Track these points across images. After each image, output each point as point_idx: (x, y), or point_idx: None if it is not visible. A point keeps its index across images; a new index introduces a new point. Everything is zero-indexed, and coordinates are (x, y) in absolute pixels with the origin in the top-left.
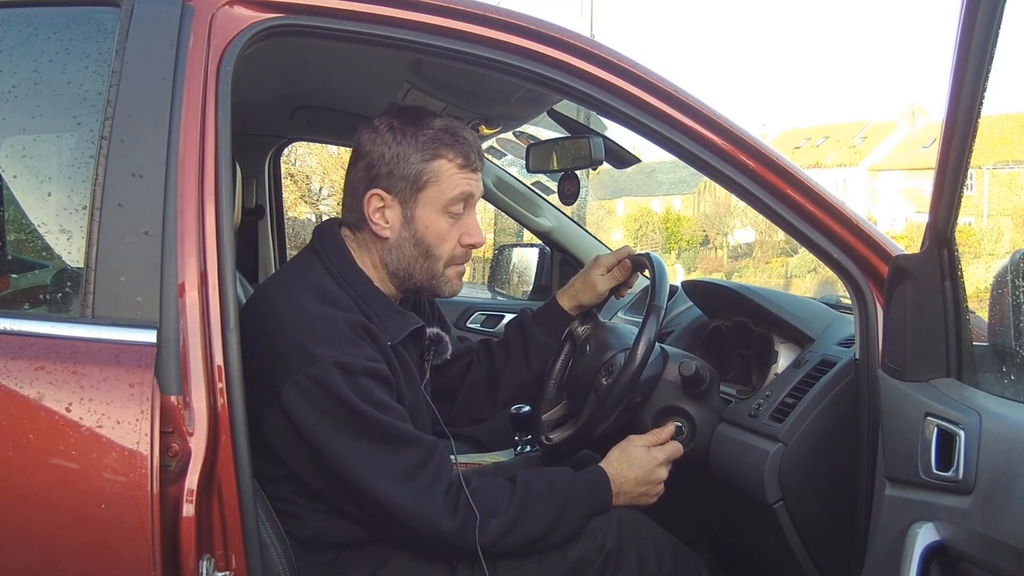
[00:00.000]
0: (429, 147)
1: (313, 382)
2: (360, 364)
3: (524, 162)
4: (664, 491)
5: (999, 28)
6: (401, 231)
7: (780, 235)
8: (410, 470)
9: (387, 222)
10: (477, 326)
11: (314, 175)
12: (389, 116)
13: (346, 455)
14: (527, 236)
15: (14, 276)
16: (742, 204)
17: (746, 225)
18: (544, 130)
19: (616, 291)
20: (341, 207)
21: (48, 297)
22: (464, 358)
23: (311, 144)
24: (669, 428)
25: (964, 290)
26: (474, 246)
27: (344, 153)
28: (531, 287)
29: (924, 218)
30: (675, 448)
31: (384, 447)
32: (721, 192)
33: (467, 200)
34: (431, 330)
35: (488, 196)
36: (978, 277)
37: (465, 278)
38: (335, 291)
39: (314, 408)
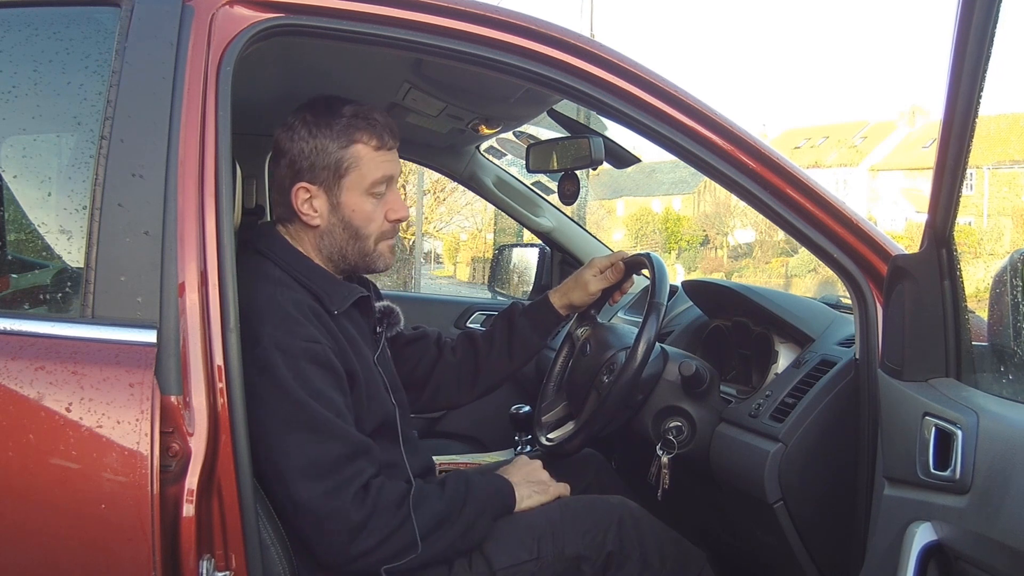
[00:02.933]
0: (344, 134)
1: (256, 364)
2: (300, 345)
3: (524, 162)
4: (667, 491)
5: (995, 27)
6: (330, 217)
7: (780, 235)
8: (331, 465)
9: (315, 211)
10: (477, 326)
11: None
12: (302, 111)
13: (272, 441)
14: (527, 236)
15: (14, 276)
16: (742, 204)
17: (746, 225)
18: (544, 130)
19: (609, 294)
20: (270, 206)
21: (48, 297)
22: (420, 343)
23: None
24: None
25: (963, 290)
26: (399, 220)
27: None
28: (531, 287)
29: (924, 218)
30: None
31: (310, 436)
32: (721, 192)
33: (388, 180)
34: (380, 303)
35: (488, 196)
36: (978, 277)
37: (465, 278)
38: (280, 275)
39: (251, 391)
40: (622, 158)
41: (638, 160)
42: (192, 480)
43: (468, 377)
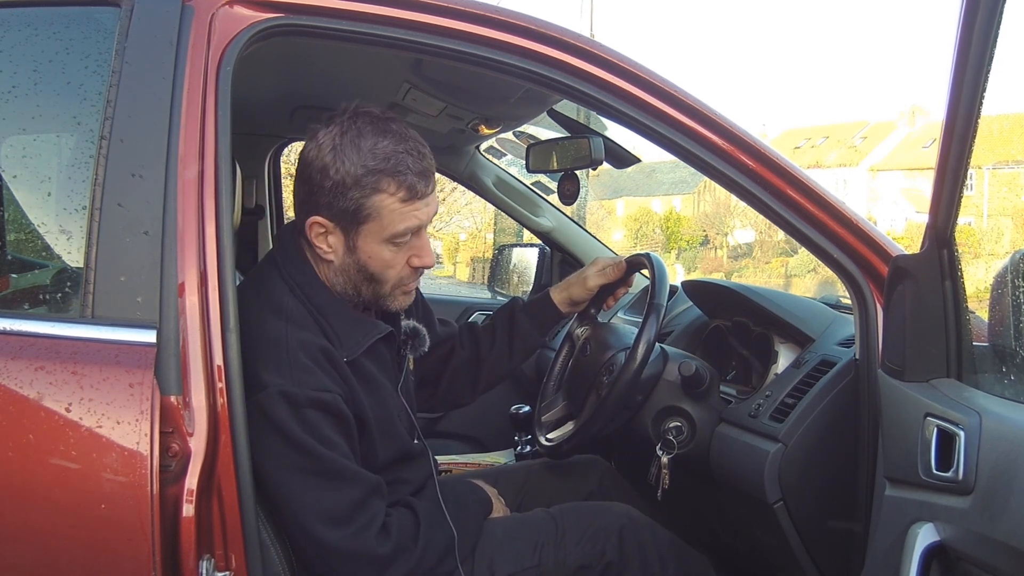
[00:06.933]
0: (368, 180)
1: (258, 410)
2: (306, 395)
3: (524, 162)
4: (667, 491)
5: (999, 27)
6: (344, 257)
7: (780, 235)
8: (349, 510)
9: (330, 247)
10: None
11: None
12: (336, 128)
13: (286, 491)
14: (527, 236)
15: (14, 276)
16: (742, 204)
17: (746, 225)
18: (544, 130)
19: (611, 292)
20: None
21: (48, 297)
22: (447, 343)
23: None
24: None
25: (964, 290)
26: (423, 268)
27: None
28: (531, 287)
29: (924, 218)
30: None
31: (324, 483)
32: (721, 192)
33: (415, 231)
34: (405, 323)
35: (488, 196)
36: (978, 277)
37: (465, 278)
38: (292, 307)
39: (257, 438)
40: (622, 158)
41: (638, 160)
42: (192, 480)
43: (471, 373)
